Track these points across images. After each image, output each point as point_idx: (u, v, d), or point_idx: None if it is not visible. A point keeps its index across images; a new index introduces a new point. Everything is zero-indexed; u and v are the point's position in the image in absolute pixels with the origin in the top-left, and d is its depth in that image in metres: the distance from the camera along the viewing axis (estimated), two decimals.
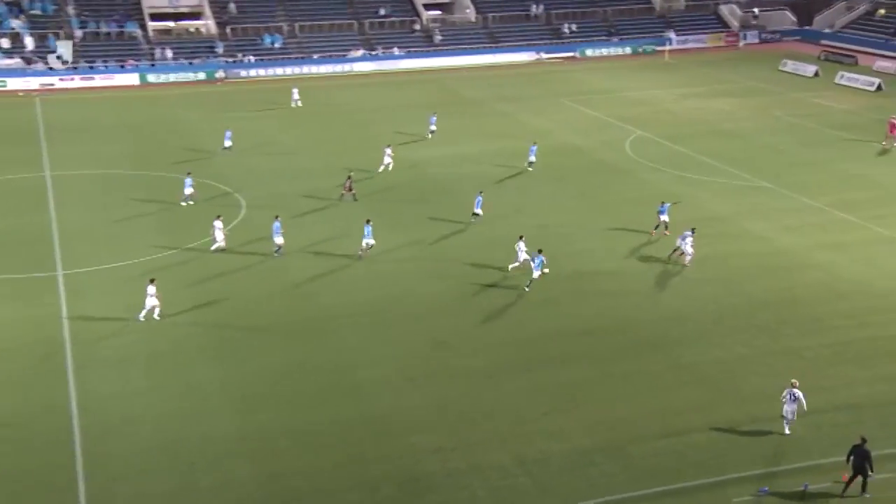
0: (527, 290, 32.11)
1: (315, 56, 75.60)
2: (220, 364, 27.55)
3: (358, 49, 76.45)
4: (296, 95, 61.44)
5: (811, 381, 26.06)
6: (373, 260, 35.29)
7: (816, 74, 69.64)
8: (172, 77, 70.86)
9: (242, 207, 40.97)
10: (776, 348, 28.12)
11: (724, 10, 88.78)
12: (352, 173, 42.77)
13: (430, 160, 48.13)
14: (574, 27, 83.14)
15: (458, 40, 79.91)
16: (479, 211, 38.32)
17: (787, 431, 23.87)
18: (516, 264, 33.38)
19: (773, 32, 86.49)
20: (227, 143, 49.91)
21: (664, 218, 36.84)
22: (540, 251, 32.67)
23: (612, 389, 26.12)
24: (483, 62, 77.46)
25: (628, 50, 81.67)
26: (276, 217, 36.11)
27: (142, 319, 29.73)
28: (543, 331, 29.62)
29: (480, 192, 39.30)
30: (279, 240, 35.30)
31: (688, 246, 34.07)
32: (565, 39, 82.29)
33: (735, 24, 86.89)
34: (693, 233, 34.41)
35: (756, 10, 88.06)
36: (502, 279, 33.48)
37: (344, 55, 75.79)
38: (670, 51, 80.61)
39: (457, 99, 64.29)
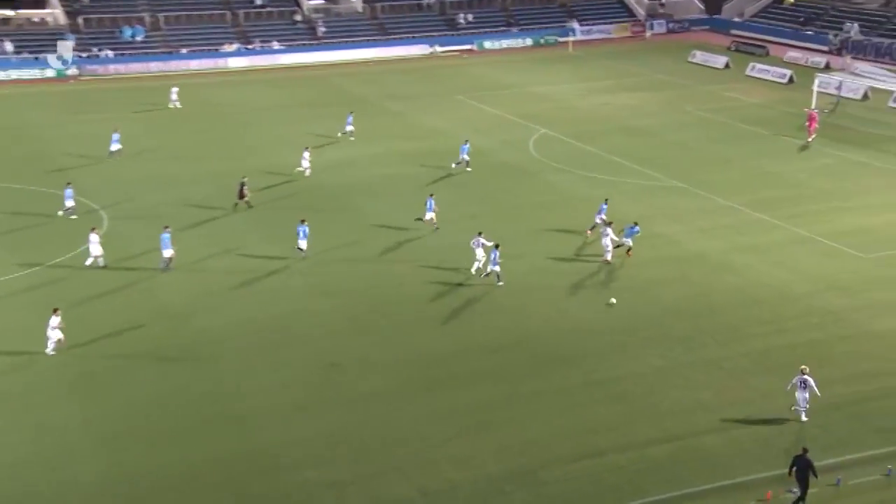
0: (500, 284, 33.43)
1: (184, 51, 74.18)
2: (83, 398, 26.62)
3: (232, 43, 75.36)
4: (174, 96, 60.36)
5: (731, 394, 26.94)
6: (256, 276, 34.77)
7: (727, 66, 72.32)
8: (14, 74, 68.36)
9: (107, 220, 39.82)
10: (693, 359, 28.97)
11: None
12: (245, 178, 42.24)
13: (323, 165, 47.77)
14: (470, 17, 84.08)
15: (344, 33, 79.73)
16: (430, 215, 38.71)
17: (804, 418, 25.38)
18: (478, 264, 34.30)
19: (681, 22, 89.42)
20: (115, 147, 48.67)
21: (602, 217, 38.05)
22: (497, 245, 33.75)
23: (521, 410, 26.39)
24: (372, 56, 77.50)
25: (529, 42, 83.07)
26: (166, 228, 35.58)
27: (51, 353, 28.84)
28: (446, 348, 29.73)
29: (431, 195, 39.56)
30: (168, 252, 34.82)
31: (608, 239, 35.36)
32: (461, 31, 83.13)
33: (641, 13, 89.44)
34: (611, 226, 35.89)
35: None
36: (400, 294, 33.47)
37: (216, 50, 74.59)
38: (574, 42, 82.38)
39: (344, 97, 64.08)
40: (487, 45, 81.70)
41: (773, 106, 60.25)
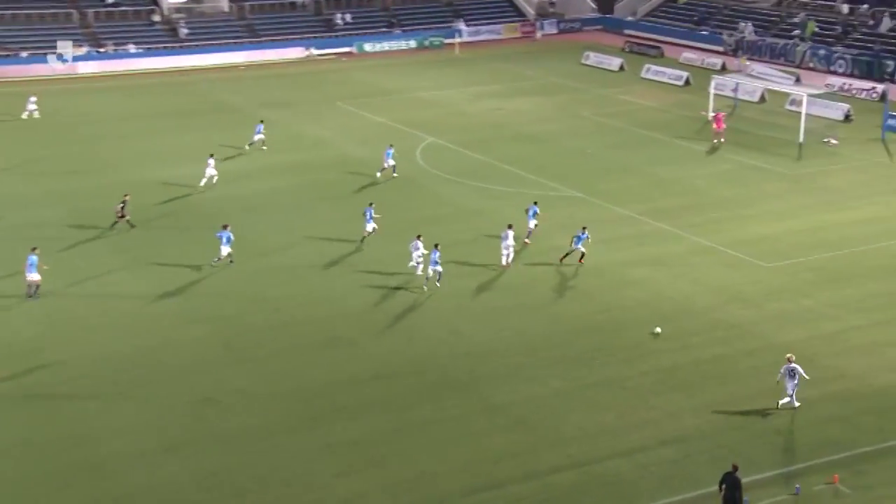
0: (438, 284, 35.02)
1: (24, 54, 71.91)
2: None
3: (80, 45, 73.42)
4: (32, 105, 58.69)
5: (635, 415, 27.63)
6: (121, 304, 33.97)
7: (622, 68, 74.39)
8: None
9: None
10: (596, 380, 29.61)
11: None
12: (127, 196, 41.31)
13: (195, 181, 47.05)
14: (349, 18, 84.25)
15: (209, 35, 78.79)
16: (369, 227, 39.25)
17: (795, 404, 27.51)
18: (413, 264, 35.69)
19: (573, 21, 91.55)
20: None
21: (533, 223, 39.60)
22: (436, 245, 35.03)
23: (413, 441, 26.48)
24: (242, 61, 76.77)
25: (413, 44, 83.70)
26: (33, 249, 34.62)
27: None
28: (330, 377, 29.62)
29: (371, 204, 39.96)
30: (34, 276, 34.07)
31: (508, 241, 36.75)
32: (339, 32, 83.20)
33: (531, 12, 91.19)
34: (511, 228, 37.25)
35: None
36: (276, 320, 33.21)
37: (61, 53, 72.42)
38: (461, 44, 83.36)
39: (212, 106, 63.30)
40: (368, 47, 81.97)
41: (670, 109, 62.23)
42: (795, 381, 27.57)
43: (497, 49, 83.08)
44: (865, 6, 75.05)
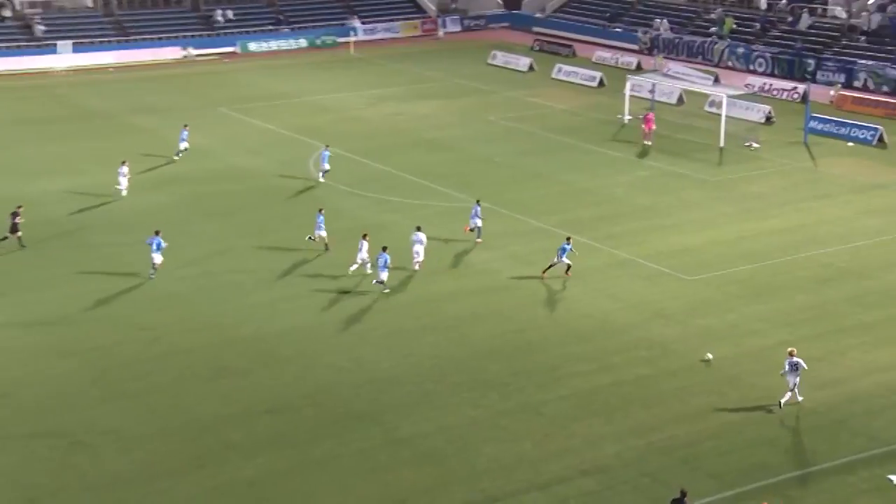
0: (386, 291, 36.27)
1: None
2: None
3: None
4: None
5: (553, 444, 27.80)
6: None
7: (531, 68, 75.27)
8: None
9: None
10: (510, 406, 29.73)
11: None
12: (20, 207, 40.18)
13: (59, 196, 45.96)
14: (230, 15, 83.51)
15: (71, 32, 77.03)
16: (321, 233, 40.06)
17: (799, 398, 29.32)
18: (356, 266, 37.22)
19: (478, 18, 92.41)
20: None
21: (477, 222, 40.91)
22: (384, 248, 36.32)
23: (313, 479, 26.20)
24: (110, 61, 75.37)
25: (303, 43, 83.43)
26: None
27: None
28: (218, 411, 29.14)
29: (320, 210, 40.65)
30: None
31: (418, 247, 37.84)
32: (220, 30, 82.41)
33: (432, 8, 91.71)
34: (420, 230, 38.47)
35: None
36: (155, 350, 32.57)
37: None
38: (356, 43, 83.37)
39: (77, 112, 61.99)
40: (253, 47, 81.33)
41: (584, 112, 63.15)
42: (797, 378, 29.25)
43: (396, 48, 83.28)
44: (784, 2, 77.46)
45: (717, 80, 67.08)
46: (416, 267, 38.10)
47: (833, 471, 26.64)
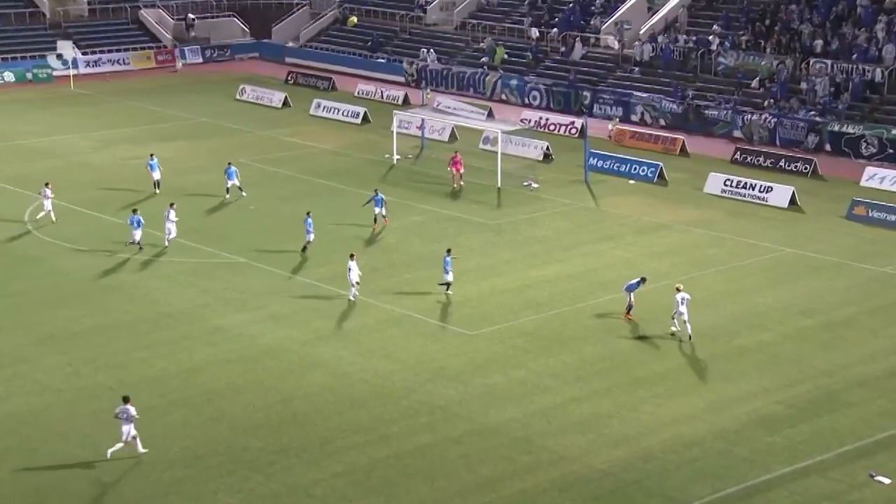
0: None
1: None
2: None
3: None
4: None
5: None
6: None
7: (286, 104, 75.50)
8: None
9: None
10: (276, 489, 29.38)
11: (149, 16, 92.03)
12: None
13: None
14: None
15: None
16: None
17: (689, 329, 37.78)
18: (355, 290, 40.95)
19: (222, 48, 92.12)
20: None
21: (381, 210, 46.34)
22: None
23: None
24: None
25: (11, 77, 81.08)
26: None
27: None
28: None
29: (309, 213, 45.96)
30: None
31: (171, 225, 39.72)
32: None
33: (168, 37, 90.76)
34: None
35: (192, 17, 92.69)
36: None
37: None
38: (78, 76, 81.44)
39: None
40: None
41: (348, 152, 63.73)
42: (683, 310, 37.60)
43: (126, 83, 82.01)
44: (555, 30, 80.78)
45: (490, 115, 69.28)
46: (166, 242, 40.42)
47: None
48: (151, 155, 55.24)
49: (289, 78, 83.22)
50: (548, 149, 63.13)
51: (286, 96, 76.03)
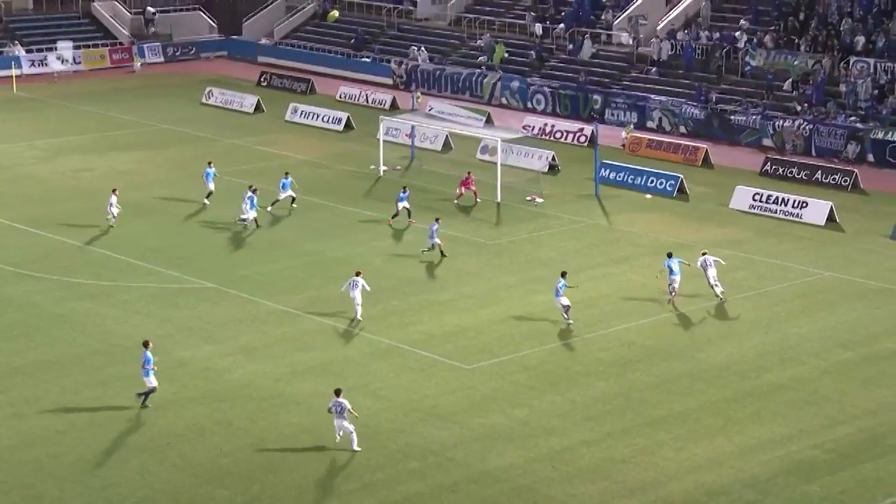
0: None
1: None
2: None
3: None
4: None
5: None
6: None
7: (259, 108, 75.51)
8: None
9: None
10: None
11: (102, 9, 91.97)
12: None
13: None
14: None
15: None
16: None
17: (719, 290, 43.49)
18: (360, 312, 42.19)
19: (186, 46, 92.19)
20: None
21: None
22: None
23: None
24: None
25: None
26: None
27: None
28: None
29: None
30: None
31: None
32: None
33: (125, 33, 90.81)
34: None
35: (152, 10, 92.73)
36: None
37: None
38: (21, 77, 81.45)
39: None
40: None
41: (329, 163, 63.77)
42: (715, 272, 43.39)
43: (78, 84, 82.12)
44: (561, 26, 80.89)
45: (489, 121, 69.41)
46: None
47: None
48: (210, 163, 56.61)
49: (262, 79, 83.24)
50: (553, 159, 63.20)
51: (258, 100, 76.03)
